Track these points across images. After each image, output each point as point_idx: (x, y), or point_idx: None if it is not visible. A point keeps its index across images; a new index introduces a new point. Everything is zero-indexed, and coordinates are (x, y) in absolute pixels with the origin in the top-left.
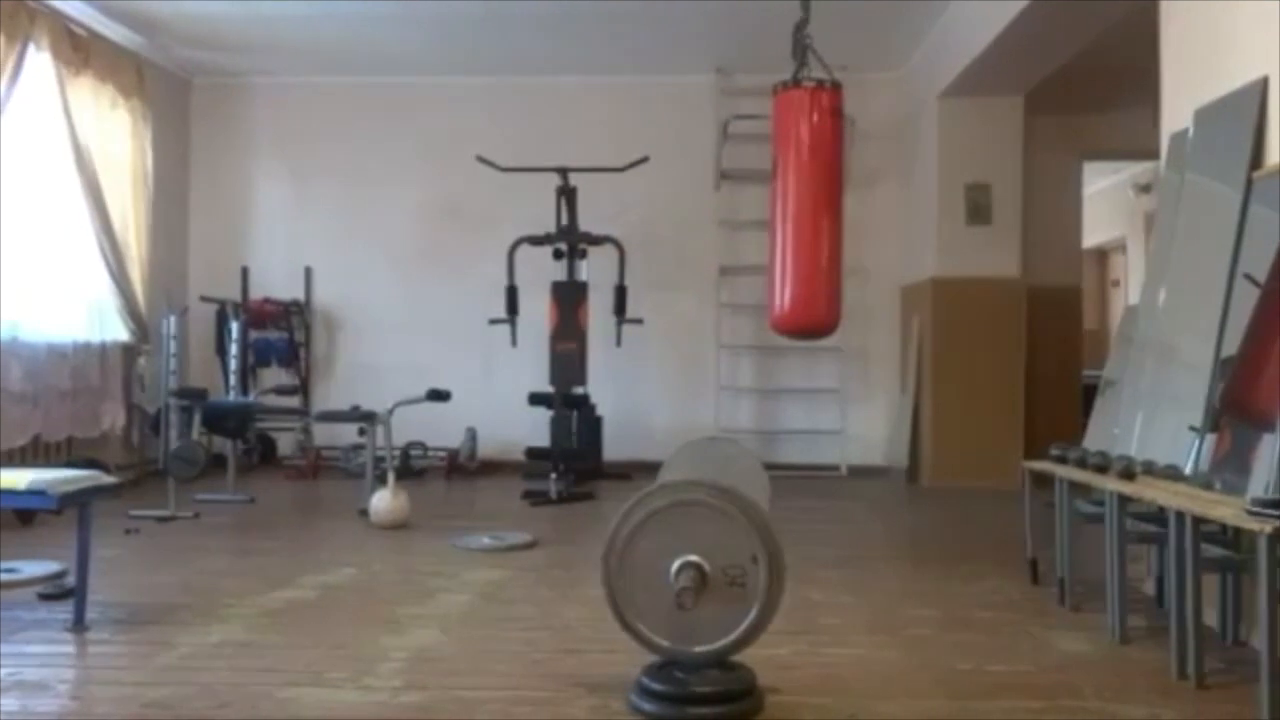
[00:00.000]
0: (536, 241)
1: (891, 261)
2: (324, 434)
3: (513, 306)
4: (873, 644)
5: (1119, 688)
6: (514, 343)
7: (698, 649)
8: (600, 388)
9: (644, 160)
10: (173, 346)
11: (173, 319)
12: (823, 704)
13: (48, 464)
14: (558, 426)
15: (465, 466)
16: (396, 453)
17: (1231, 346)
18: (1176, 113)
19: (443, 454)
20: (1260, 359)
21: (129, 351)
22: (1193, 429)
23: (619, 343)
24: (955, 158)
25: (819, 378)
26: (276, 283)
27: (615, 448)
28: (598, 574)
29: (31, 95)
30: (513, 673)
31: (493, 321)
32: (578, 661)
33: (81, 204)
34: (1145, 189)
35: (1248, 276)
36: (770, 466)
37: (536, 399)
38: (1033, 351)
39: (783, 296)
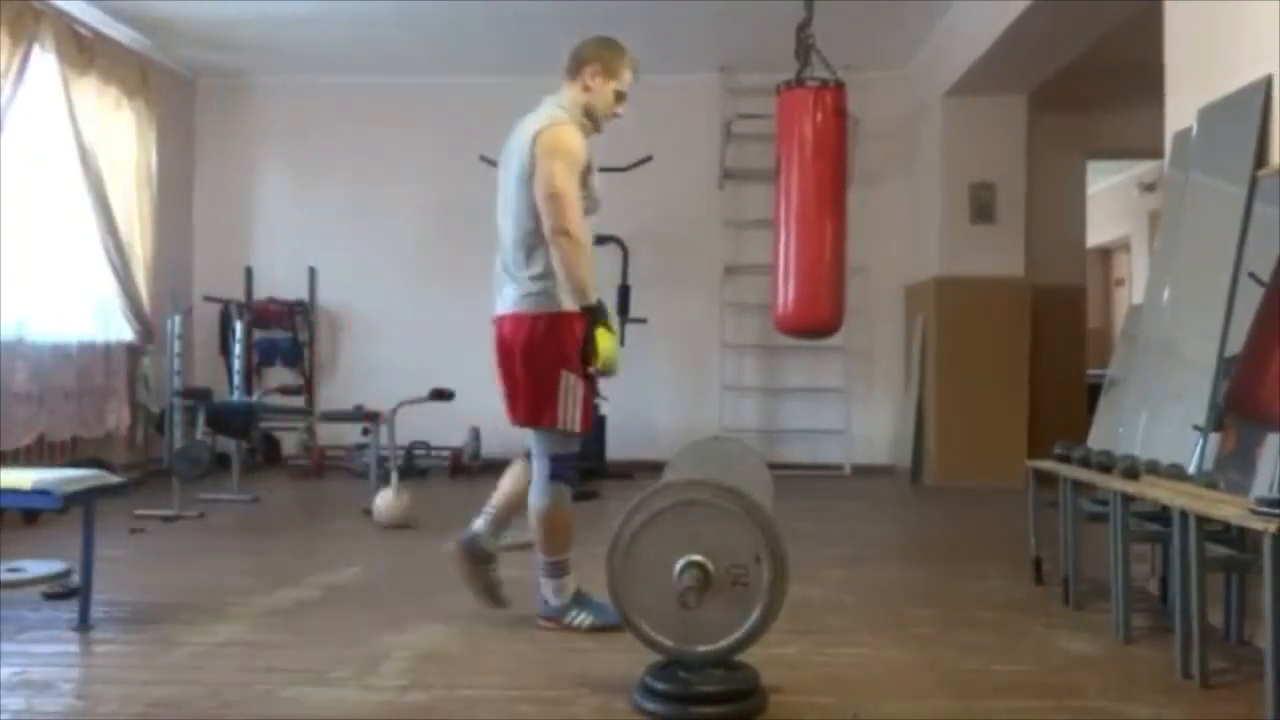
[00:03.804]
0: None
1: (895, 261)
2: (328, 434)
3: None
4: (876, 643)
5: (1123, 687)
6: None
7: (701, 648)
8: (604, 387)
9: (647, 160)
10: (177, 346)
11: (177, 319)
12: (826, 703)
13: (52, 464)
14: None
15: (469, 466)
16: (400, 452)
17: (1236, 345)
18: (1181, 111)
19: (446, 453)
20: (1264, 357)
21: (133, 351)
22: (1197, 428)
23: (622, 342)
24: (959, 157)
25: (823, 377)
26: (280, 282)
27: (619, 447)
28: (601, 574)
29: (36, 96)
30: (517, 672)
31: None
32: (582, 661)
33: (86, 204)
34: (1149, 188)
35: (1252, 275)
36: (774, 466)
37: None
38: (1037, 351)
39: (786, 296)
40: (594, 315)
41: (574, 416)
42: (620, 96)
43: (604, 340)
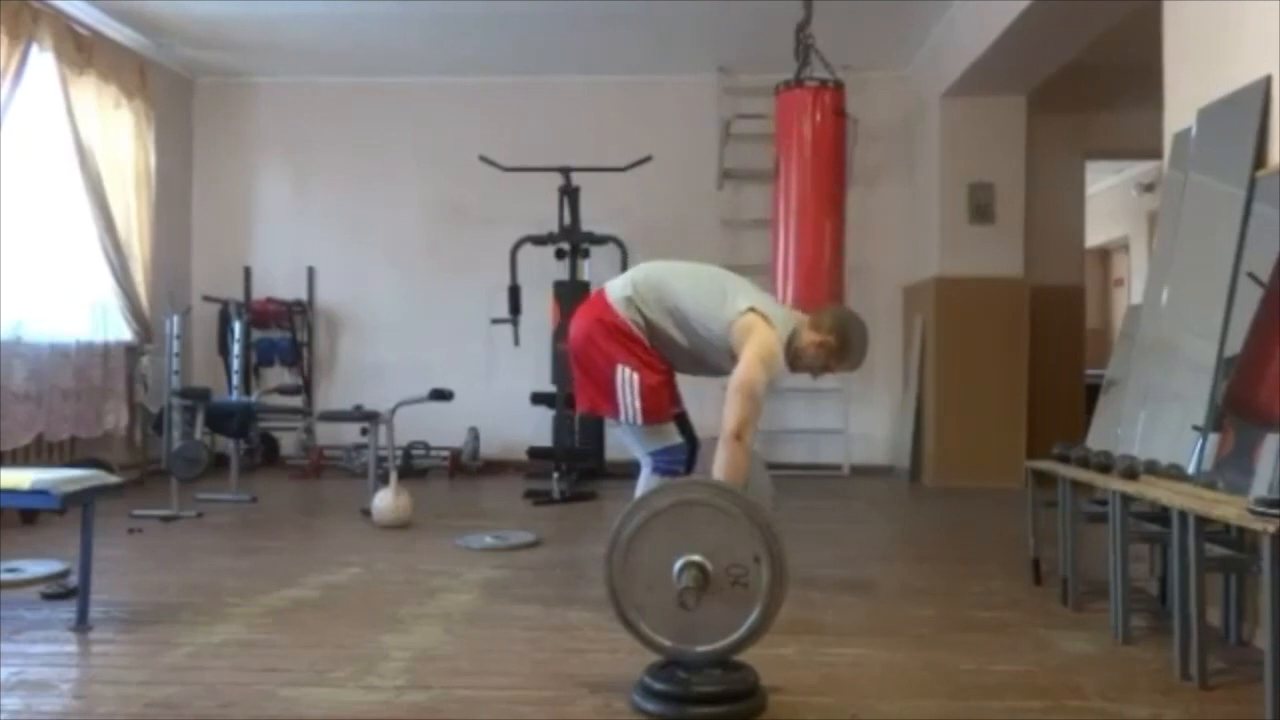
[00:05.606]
0: (539, 241)
1: (894, 261)
2: (326, 434)
3: (515, 306)
4: (875, 644)
5: (1122, 688)
6: (516, 342)
7: (700, 649)
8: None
9: (647, 160)
10: (175, 346)
11: (175, 319)
12: (825, 703)
13: (51, 464)
14: (560, 426)
15: (468, 466)
16: (399, 452)
17: (1235, 346)
18: (1180, 112)
19: (445, 453)
20: (1264, 358)
21: (132, 351)
22: (1196, 428)
23: None
24: (958, 157)
25: (821, 377)
26: (279, 282)
27: (618, 447)
28: (600, 573)
29: (35, 95)
30: (515, 672)
31: (495, 321)
32: (580, 661)
33: (84, 204)
34: (1148, 188)
35: (1251, 275)
36: (773, 466)
37: (539, 398)
38: (1036, 351)
39: (785, 296)
40: None
41: (635, 408)
42: (821, 369)
43: None
